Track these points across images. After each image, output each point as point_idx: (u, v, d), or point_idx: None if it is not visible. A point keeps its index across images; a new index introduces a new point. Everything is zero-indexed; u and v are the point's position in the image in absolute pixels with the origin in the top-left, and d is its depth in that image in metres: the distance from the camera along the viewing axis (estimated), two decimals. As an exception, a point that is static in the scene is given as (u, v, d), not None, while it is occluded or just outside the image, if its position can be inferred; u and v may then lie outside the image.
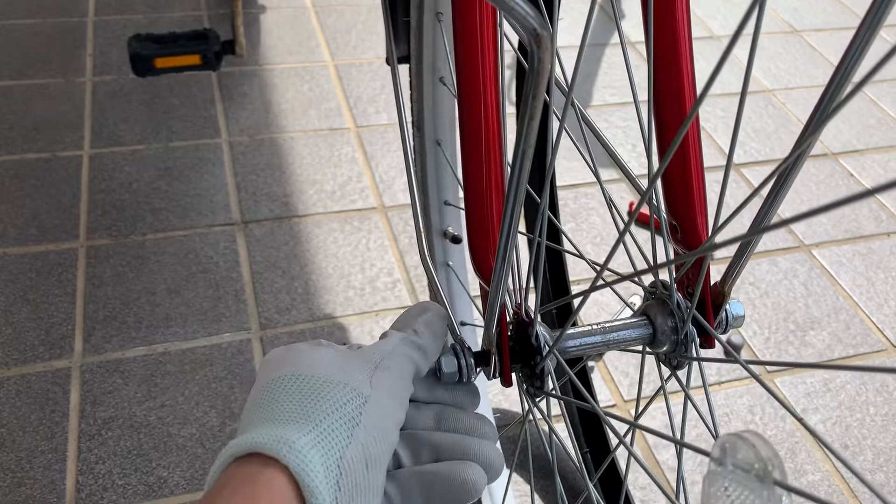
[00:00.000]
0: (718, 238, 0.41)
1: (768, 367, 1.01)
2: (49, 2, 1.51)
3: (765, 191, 0.37)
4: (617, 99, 1.44)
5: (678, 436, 0.46)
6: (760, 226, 0.37)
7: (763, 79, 1.54)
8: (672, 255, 0.45)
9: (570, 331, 0.45)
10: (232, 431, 0.87)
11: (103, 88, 1.33)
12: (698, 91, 0.44)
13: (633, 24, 1.61)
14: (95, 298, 0.99)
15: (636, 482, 0.87)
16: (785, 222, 0.26)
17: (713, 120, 1.41)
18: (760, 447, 0.28)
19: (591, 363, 0.98)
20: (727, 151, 1.35)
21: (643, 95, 0.43)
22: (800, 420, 0.35)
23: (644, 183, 0.43)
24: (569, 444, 0.87)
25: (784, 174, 0.35)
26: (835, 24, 1.74)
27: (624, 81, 1.48)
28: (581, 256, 0.53)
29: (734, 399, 0.96)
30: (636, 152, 1.33)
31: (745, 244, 0.41)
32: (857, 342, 1.05)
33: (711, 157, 1.32)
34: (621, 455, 0.87)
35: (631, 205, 1.23)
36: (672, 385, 0.45)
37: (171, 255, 1.06)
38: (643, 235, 1.11)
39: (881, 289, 1.13)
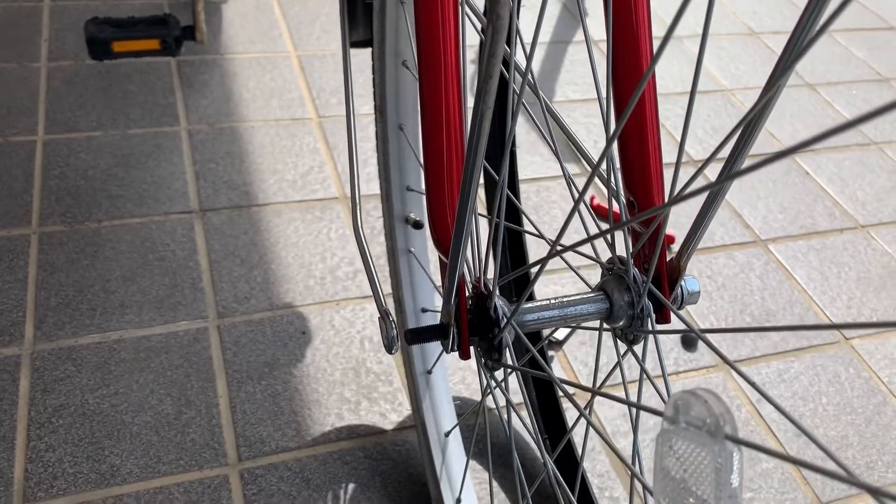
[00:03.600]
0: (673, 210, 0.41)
1: (725, 359, 1.02)
2: (3, -14, 1.48)
3: (721, 173, 0.38)
4: (579, 95, 1.45)
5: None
6: (723, 175, 0.37)
7: (723, 79, 1.57)
8: (627, 229, 0.46)
9: (528, 304, 0.46)
10: (188, 420, 0.85)
11: (59, 74, 1.30)
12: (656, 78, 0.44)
13: (599, 22, 1.63)
14: (48, 285, 0.97)
15: (594, 470, 0.88)
16: (745, 171, 0.27)
17: (673, 118, 1.43)
18: (713, 403, 0.28)
19: (550, 352, 0.98)
20: (698, 148, 1.37)
21: (604, 82, 0.43)
22: (750, 381, 0.35)
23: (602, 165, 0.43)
24: (527, 421, 0.88)
25: (751, 124, 0.35)
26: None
27: (586, 79, 1.49)
28: (538, 234, 0.53)
29: (703, 385, 0.97)
30: (597, 148, 1.34)
31: (702, 215, 0.42)
32: (810, 335, 1.07)
33: (670, 155, 1.34)
34: (579, 437, 0.88)
35: (592, 198, 1.24)
36: (633, 367, 0.45)
37: (126, 243, 1.04)
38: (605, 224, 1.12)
39: (834, 283, 1.16)
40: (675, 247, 1.16)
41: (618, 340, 0.48)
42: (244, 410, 0.87)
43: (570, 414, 0.92)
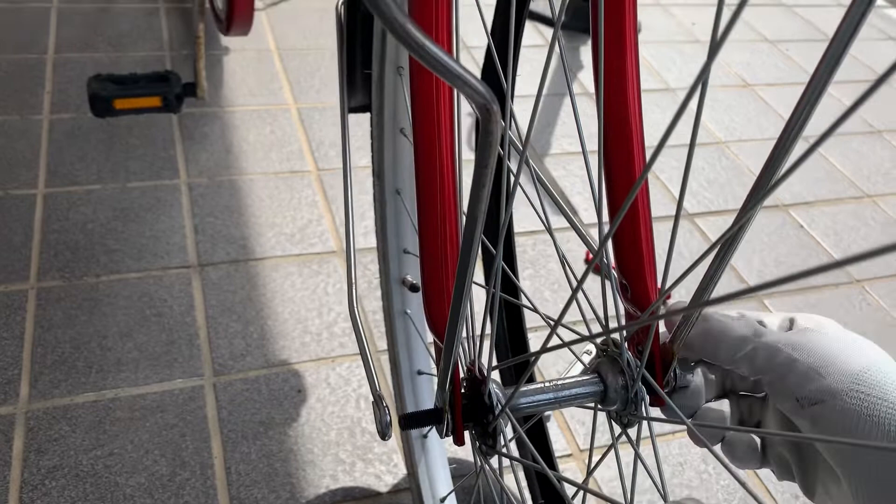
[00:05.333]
0: (667, 297, 0.41)
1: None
2: (8, 38, 1.50)
3: (710, 259, 0.38)
4: (575, 148, 1.47)
5: (628, 499, 0.46)
6: (704, 295, 0.37)
7: (717, 131, 1.59)
8: (622, 313, 0.46)
9: (523, 388, 0.46)
10: (182, 481, 0.85)
11: (60, 127, 1.31)
12: (646, 150, 0.45)
13: (590, 76, 1.65)
14: (44, 342, 0.97)
15: (591, 533, 0.87)
16: (729, 297, 0.27)
17: (668, 171, 1.44)
18: (703, 517, 0.28)
19: (548, 412, 0.98)
20: (692, 201, 1.38)
21: (594, 153, 0.44)
22: (735, 477, 0.35)
23: (596, 240, 0.43)
24: (525, 494, 0.87)
25: (727, 244, 0.36)
26: (785, 79, 1.80)
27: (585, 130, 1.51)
28: (535, 311, 0.53)
29: (688, 448, 0.97)
30: (590, 202, 1.35)
31: (695, 300, 0.42)
32: (807, 392, 1.07)
33: (665, 207, 1.35)
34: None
35: (587, 254, 1.25)
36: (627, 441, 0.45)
37: (124, 298, 1.04)
38: (598, 286, 1.12)
39: (830, 339, 1.16)
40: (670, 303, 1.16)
41: (612, 423, 0.48)
42: (239, 472, 0.87)
43: (573, 475, 0.91)
